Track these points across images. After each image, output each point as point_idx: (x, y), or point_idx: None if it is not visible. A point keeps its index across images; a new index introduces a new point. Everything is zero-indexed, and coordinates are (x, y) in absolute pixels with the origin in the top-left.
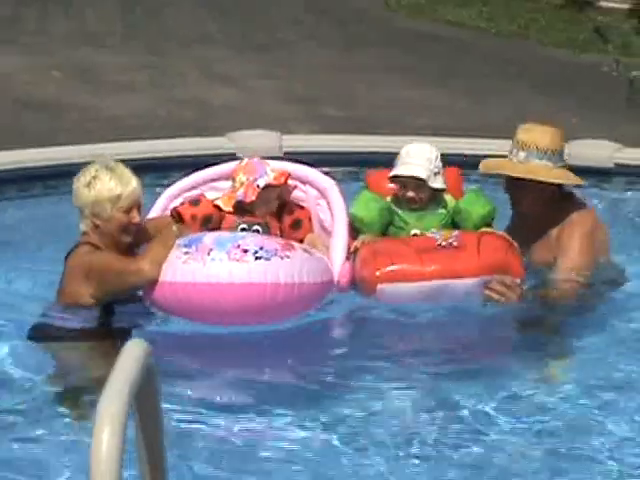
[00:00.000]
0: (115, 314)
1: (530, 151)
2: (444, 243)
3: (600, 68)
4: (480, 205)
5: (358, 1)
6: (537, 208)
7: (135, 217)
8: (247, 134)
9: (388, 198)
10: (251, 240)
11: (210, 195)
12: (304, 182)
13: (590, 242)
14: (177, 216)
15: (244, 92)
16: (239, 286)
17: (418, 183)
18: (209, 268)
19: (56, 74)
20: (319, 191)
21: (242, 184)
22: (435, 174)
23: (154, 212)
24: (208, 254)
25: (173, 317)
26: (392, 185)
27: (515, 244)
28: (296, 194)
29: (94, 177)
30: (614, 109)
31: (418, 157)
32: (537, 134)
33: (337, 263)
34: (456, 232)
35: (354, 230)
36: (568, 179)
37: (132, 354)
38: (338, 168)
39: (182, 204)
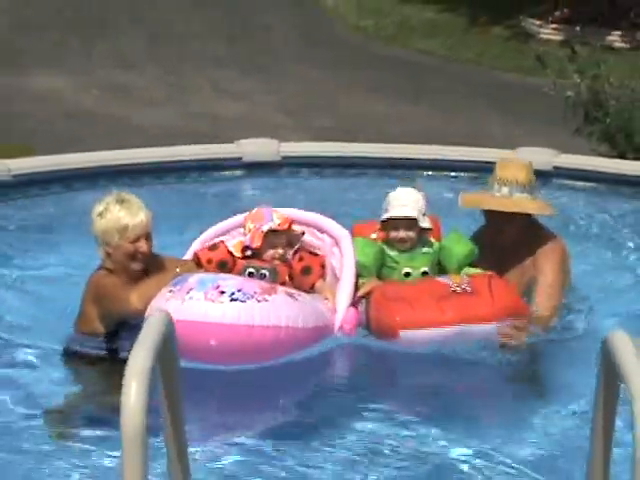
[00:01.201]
0: (123, 340)
1: (512, 186)
2: (458, 290)
3: (541, 89)
4: (462, 244)
5: (341, 30)
6: (520, 237)
7: (142, 247)
8: (251, 141)
9: (375, 236)
10: (231, 282)
11: (234, 241)
12: (321, 231)
13: (564, 265)
14: (196, 259)
15: (248, 106)
16: (214, 326)
17: (409, 223)
18: (186, 307)
19: (95, 92)
20: (333, 239)
21: (250, 230)
22: (423, 215)
23: (188, 255)
24: (187, 293)
25: None
26: (374, 235)
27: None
28: (313, 242)
29: (105, 208)
30: (552, 122)
31: (406, 200)
32: (515, 170)
33: (341, 309)
34: (466, 278)
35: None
36: (550, 211)
37: (155, 323)
38: (327, 170)
39: (202, 249)
